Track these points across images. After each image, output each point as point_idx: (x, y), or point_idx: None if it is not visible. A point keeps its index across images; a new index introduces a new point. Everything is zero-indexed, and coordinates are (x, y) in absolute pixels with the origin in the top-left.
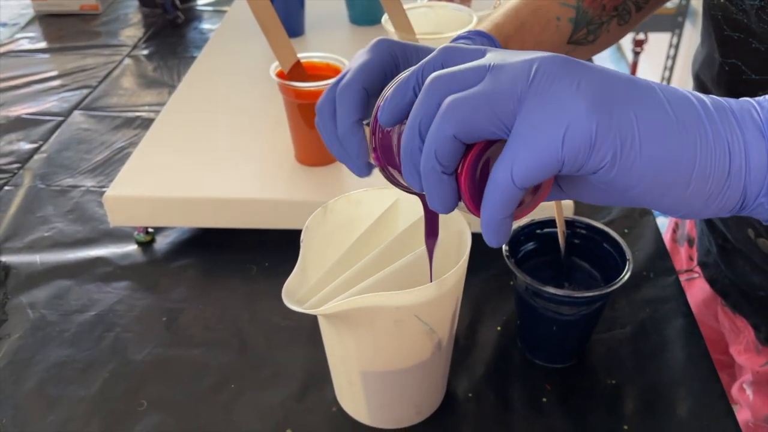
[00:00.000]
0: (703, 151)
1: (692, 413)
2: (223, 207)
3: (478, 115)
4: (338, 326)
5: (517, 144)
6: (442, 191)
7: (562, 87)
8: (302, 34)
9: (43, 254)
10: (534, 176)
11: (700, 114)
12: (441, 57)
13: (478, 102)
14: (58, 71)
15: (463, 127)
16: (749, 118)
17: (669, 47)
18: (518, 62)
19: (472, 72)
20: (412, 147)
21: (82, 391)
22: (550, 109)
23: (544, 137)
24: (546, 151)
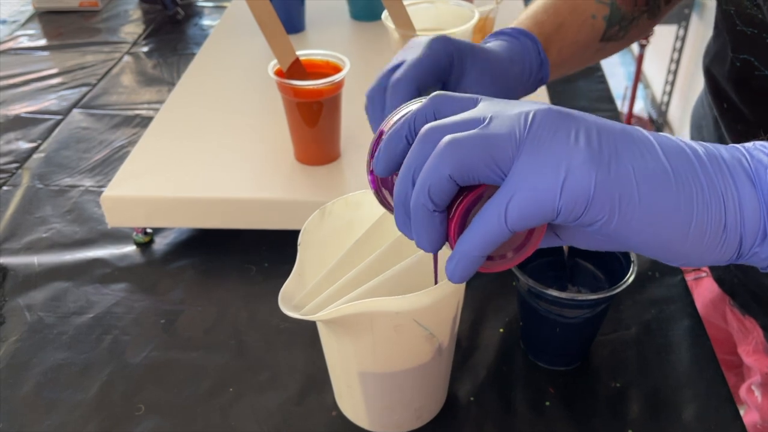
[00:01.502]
0: (699, 206)
1: (698, 417)
2: (222, 207)
3: (476, 156)
4: (337, 331)
5: (513, 186)
6: (430, 230)
7: (560, 137)
8: (303, 30)
9: (41, 255)
10: (527, 220)
11: (695, 167)
12: (432, 106)
13: (477, 143)
14: (57, 69)
15: (460, 167)
16: (740, 168)
17: (675, 40)
18: (515, 113)
19: (468, 123)
20: (405, 195)
21: (79, 394)
22: (549, 158)
23: (542, 184)
24: (543, 197)
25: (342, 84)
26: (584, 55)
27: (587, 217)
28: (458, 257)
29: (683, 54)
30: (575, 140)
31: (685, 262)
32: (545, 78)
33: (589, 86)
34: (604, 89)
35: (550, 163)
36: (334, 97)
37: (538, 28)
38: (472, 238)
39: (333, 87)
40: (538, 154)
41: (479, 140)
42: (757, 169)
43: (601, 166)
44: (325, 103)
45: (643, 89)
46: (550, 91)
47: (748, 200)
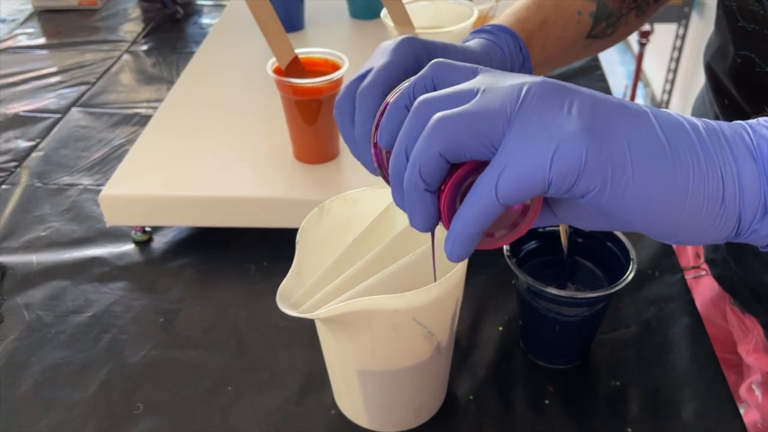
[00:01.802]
0: (696, 178)
1: (698, 416)
2: (221, 205)
3: (465, 133)
4: (335, 329)
5: (503, 160)
6: (423, 209)
7: (553, 108)
8: (302, 29)
9: (40, 254)
10: (519, 193)
11: (692, 140)
12: (431, 73)
13: (466, 120)
14: (56, 68)
15: (450, 144)
16: (741, 143)
17: (675, 38)
18: (508, 85)
19: (461, 95)
20: (398, 168)
21: (77, 394)
22: (540, 130)
23: (532, 155)
24: (533, 169)
25: (341, 82)
26: (571, 52)
27: (578, 189)
28: (454, 236)
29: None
30: (568, 111)
31: (682, 239)
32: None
33: (588, 84)
34: (604, 87)
35: (540, 134)
36: (332, 95)
37: (520, 25)
38: (465, 214)
39: (332, 85)
40: (528, 127)
41: (468, 116)
42: (759, 143)
43: (593, 137)
44: (323, 101)
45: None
46: None
47: (748, 174)
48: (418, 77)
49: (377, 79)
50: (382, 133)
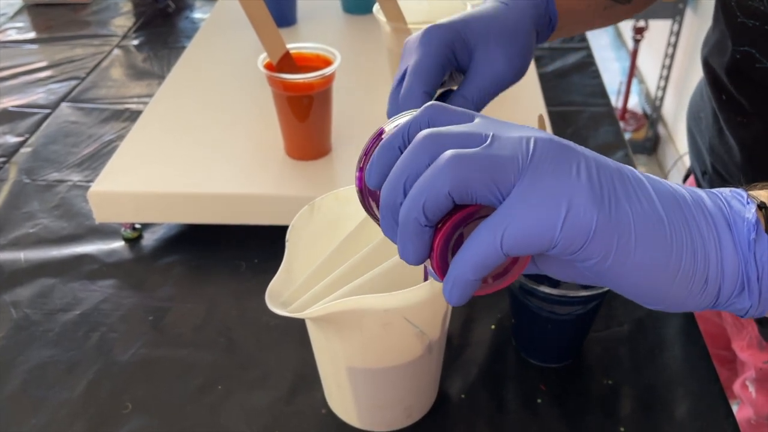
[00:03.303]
0: (687, 255)
1: (690, 414)
2: (212, 202)
3: (478, 176)
4: (325, 329)
5: (512, 212)
6: (419, 244)
7: (562, 167)
8: (294, 24)
9: (28, 251)
10: (524, 248)
11: (685, 215)
12: (427, 115)
13: (480, 163)
14: (46, 62)
15: (460, 186)
16: (722, 219)
17: (670, 35)
18: (516, 136)
19: (470, 137)
20: (393, 201)
21: (65, 393)
22: (552, 188)
23: (543, 215)
24: (543, 229)
25: (333, 78)
26: (588, 18)
27: (583, 254)
28: (453, 281)
29: (678, 49)
30: (577, 174)
31: (664, 307)
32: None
33: (583, 81)
34: (598, 84)
35: (552, 194)
36: (324, 90)
37: None
38: (466, 260)
39: (323, 80)
40: (540, 182)
41: (484, 160)
42: (735, 220)
43: (602, 205)
44: (315, 97)
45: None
46: (544, 86)
47: (729, 254)
48: (413, 120)
49: (414, 80)
50: (372, 172)
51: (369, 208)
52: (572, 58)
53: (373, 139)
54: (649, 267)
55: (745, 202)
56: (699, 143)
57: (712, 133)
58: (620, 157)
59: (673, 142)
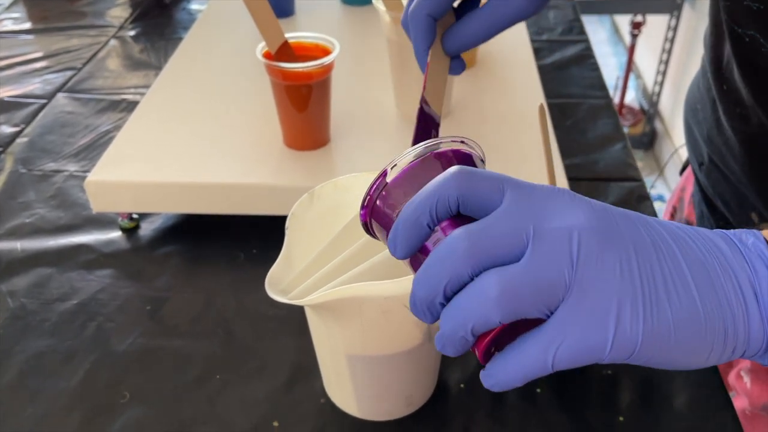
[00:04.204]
0: (719, 336)
1: (689, 405)
2: (210, 192)
3: (526, 303)
4: (324, 316)
5: (562, 331)
6: (459, 349)
7: (607, 271)
8: (292, 14)
9: (24, 241)
10: (574, 364)
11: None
12: (456, 191)
13: (528, 292)
14: (42, 53)
15: (510, 315)
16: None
17: (667, 30)
18: (557, 238)
19: (510, 242)
20: (431, 300)
21: (62, 382)
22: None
23: (593, 335)
24: (593, 349)
25: (332, 67)
26: None
27: (625, 361)
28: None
29: (675, 44)
30: (620, 275)
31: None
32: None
33: (581, 73)
34: (597, 76)
35: (599, 311)
36: (323, 80)
37: None
38: (512, 370)
39: (322, 70)
40: (588, 298)
41: (530, 287)
42: (761, 286)
43: (645, 315)
44: (314, 86)
45: (635, 79)
46: (543, 78)
47: (756, 326)
48: (440, 197)
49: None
50: (399, 246)
51: (375, 237)
52: (571, 50)
53: (377, 180)
54: (683, 354)
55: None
56: (696, 135)
57: (710, 124)
58: (619, 149)
59: (670, 138)
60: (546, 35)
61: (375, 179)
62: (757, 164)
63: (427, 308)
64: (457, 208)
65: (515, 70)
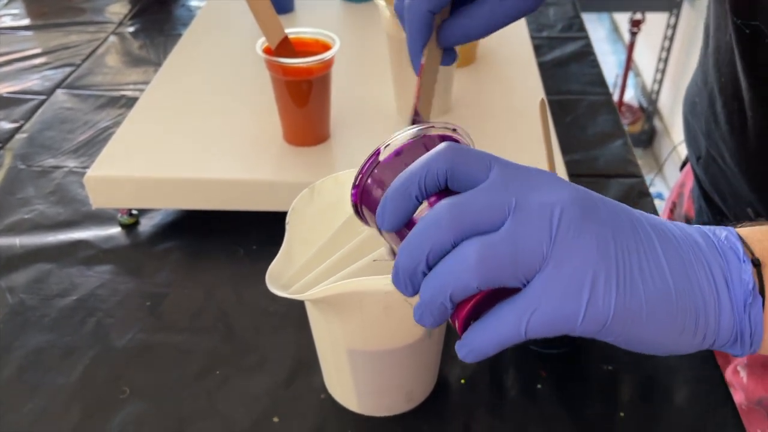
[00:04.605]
0: (690, 319)
1: (690, 400)
2: (209, 188)
3: (504, 271)
4: (325, 311)
5: (536, 300)
6: (438, 318)
7: (584, 245)
8: (292, 10)
9: (23, 237)
10: (545, 333)
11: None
12: (445, 163)
13: (507, 260)
14: (41, 49)
15: (488, 281)
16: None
17: (666, 28)
18: (538, 209)
19: (492, 213)
20: (414, 269)
21: (62, 378)
22: (574, 276)
23: (566, 305)
24: (566, 318)
25: (332, 62)
26: None
27: (597, 334)
28: (471, 349)
29: (674, 42)
30: (597, 252)
31: (654, 353)
32: None
33: (581, 70)
34: (597, 73)
35: (574, 283)
36: (323, 75)
37: None
38: (486, 337)
39: (323, 65)
40: (562, 270)
41: (508, 256)
42: (732, 280)
43: (618, 290)
44: (314, 81)
45: (634, 77)
46: (543, 75)
47: (726, 315)
48: (429, 169)
49: None
50: (386, 217)
51: (364, 220)
52: (571, 47)
53: (370, 159)
54: (654, 332)
55: (741, 256)
56: (695, 128)
57: (707, 117)
58: (619, 146)
59: (669, 136)
60: (546, 32)
61: (367, 158)
62: (752, 159)
63: (409, 278)
64: (445, 181)
65: (515, 67)
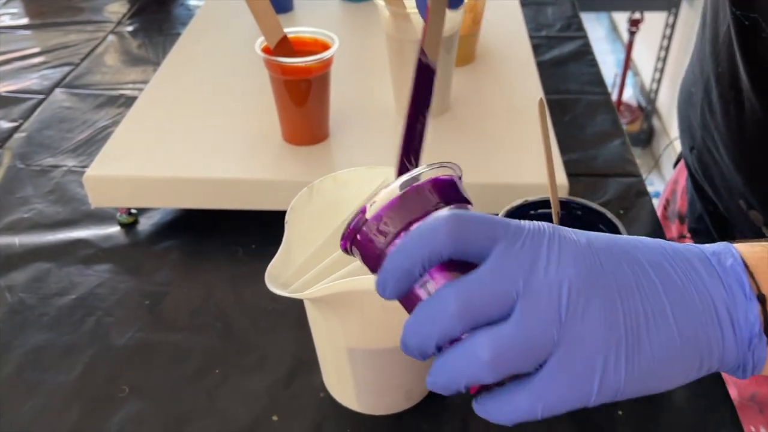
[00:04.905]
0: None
1: (688, 399)
2: (208, 187)
3: (517, 362)
4: (324, 310)
5: (550, 385)
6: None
7: (593, 321)
8: (291, 10)
9: (22, 236)
10: (561, 412)
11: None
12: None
13: (519, 353)
14: (39, 48)
15: (500, 374)
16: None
17: (665, 27)
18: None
19: (500, 301)
20: (423, 351)
21: (61, 376)
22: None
23: (579, 388)
24: (579, 400)
25: (331, 62)
26: None
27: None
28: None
29: (673, 41)
30: (605, 326)
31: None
32: None
33: (580, 69)
34: (595, 72)
35: (586, 365)
36: (322, 75)
37: None
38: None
39: (321, 65)
40: (573, 353)
41: (521, 350)
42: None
43: (628, 359)
44: (313, 81)
45: (633, 77)
46: (541, 74)
47: (730, 353)
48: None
49: None
50: (388, 289)
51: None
52: (569, 46)
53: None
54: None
55: (748, 292)
56: (690, 118)
57: (702, 108)
58: (617, 145)
59: (667, 135)
60: (545, 31)
61: (354, 215)
62: (747, 151)
63: (419, 355)
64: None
65: (514, 67)
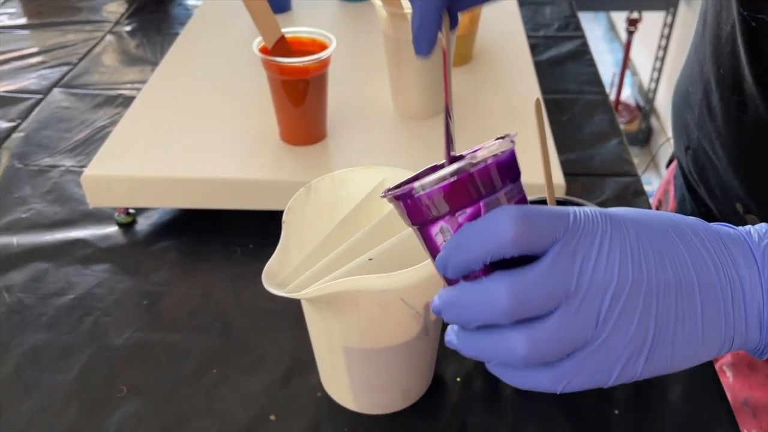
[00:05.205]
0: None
1: (684, 397)
2: (206, 187)
3: (549, 356)
4: (321, 310)
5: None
6: None
7: (625, 326)
8: (289, 10)
9: (20, 236)
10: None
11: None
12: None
13: (553, 349)
14: (37, 48)
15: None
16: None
17: (663, 27)
18: (591, 293)
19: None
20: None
21: (59, 376)
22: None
23: (601, 376)
24: (599, 382)
25: (328, 62)
26: None
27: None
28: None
29: (671, 41)
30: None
31: None
32: None
33: (578, 69)
34: (593, 72)
35: (610, 360)
36: (320, 75)
37: None
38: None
39: (319, 65)
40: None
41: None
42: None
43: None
44: (311, 81)
45: (631, 76)
46: (539, 74)
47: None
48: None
49: None
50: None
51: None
52: (567, 46)
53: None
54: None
55: None
56: (686, 118)
57: (700, 108)
58: (615, 145)
59: (665, 134)
60: (542, 31)
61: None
62: (746, 153)
63: (452, 329)
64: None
65: (512, 66)
